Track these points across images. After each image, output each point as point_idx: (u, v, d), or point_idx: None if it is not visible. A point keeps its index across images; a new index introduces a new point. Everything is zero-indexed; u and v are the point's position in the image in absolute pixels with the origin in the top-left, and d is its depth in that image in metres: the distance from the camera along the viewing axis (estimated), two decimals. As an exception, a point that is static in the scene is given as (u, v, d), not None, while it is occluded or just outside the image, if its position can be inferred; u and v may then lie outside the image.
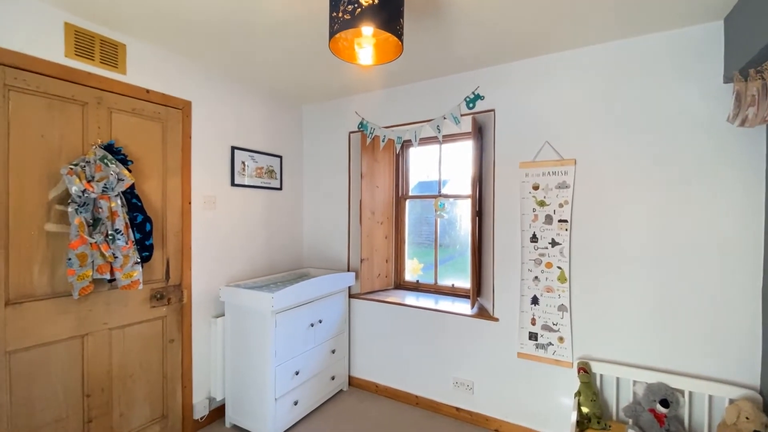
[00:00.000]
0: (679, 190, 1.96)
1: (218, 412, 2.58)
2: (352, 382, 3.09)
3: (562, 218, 2.23)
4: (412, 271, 3.25)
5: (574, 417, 1.97)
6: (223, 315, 2.54)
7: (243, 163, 2.77)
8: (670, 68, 1.97)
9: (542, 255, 2.29)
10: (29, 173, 1.72)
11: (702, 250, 1.91)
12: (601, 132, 2.14)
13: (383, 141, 2.89)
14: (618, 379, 2.10)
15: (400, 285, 3.24)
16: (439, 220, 3.04)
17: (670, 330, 1.99)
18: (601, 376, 2.14)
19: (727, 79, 1.80)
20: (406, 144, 3.15)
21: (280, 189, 3.13)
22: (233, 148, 2.69)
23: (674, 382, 1.93)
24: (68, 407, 1.86)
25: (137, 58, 2.11)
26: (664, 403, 1.85)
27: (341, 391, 3.00)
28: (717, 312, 1.89)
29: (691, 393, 1.93)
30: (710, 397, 1.89)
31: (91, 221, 1.79)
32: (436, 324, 2.69)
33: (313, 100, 3.23)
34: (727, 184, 1.86)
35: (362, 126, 3.01)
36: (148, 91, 2.15)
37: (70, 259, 1.72)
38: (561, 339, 2.24)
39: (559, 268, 2.24)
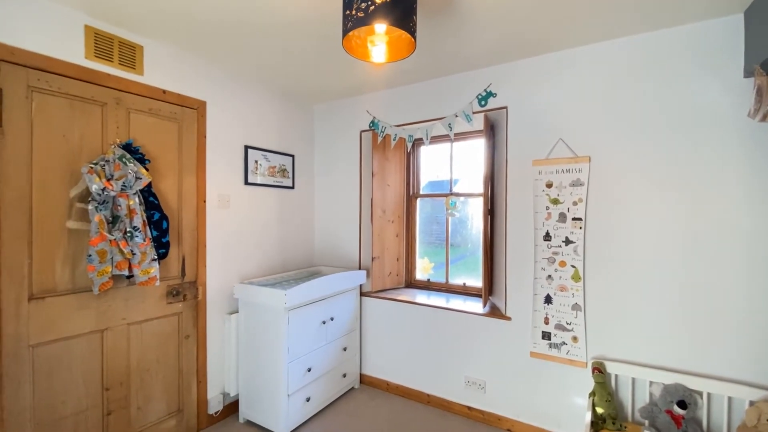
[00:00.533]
0: (696, 188, 1.92)
1: (232, 407, 2.61)
2: (364, 379, 3.10)
3: (576, 216, 2.20)
4: (423, 270, 3.25)
5: (588, 417, 1.95)
6: (236, 312, 2.58)
7: (256, 162, 2.80)
8: (688, 63, 1.93)
9: (556, 253, 2.27)
10: (51, 172, 1.78)
11: (720, 249, 1.87)
12: (617, 128, 2.11)
13: (394, 139, 2.89)
14: (634, 379, 2.07)
15: (411, 283, 3.24)
16: (450, 218, 3.03)
17: (687, 330, 1.95)
18: (616, 376, 2.11)
19: (748, 73, 1.76)
20: (418, 142, 3.15)
21: (292, 188, 3.16)
22: (247, 147, 2.72)
23: (692, 383, 1.89)
24: (88, 400, 1.91)
25: (154, 59, 2.15)
26: (682, 404, 1.82)
27: (353, 388, 3.01)
28: (736, 311, 1.84)
29: (709, 394, 1.89)
30: (729, 398, 1.85)
31: (110, 219, 1.83)
32: (448, 322, 2.68)
33: (325, 100, 3.25)
34: (747, 182, 1.81)
35: (373, 125, 3.02)
36: (164, 91, 2.19)
37: (90, 255, 1.77)
38: (575, 338, 2.21)
39: (573, 266, 2.21)
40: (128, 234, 1.86)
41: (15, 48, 1.64)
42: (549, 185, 2.28)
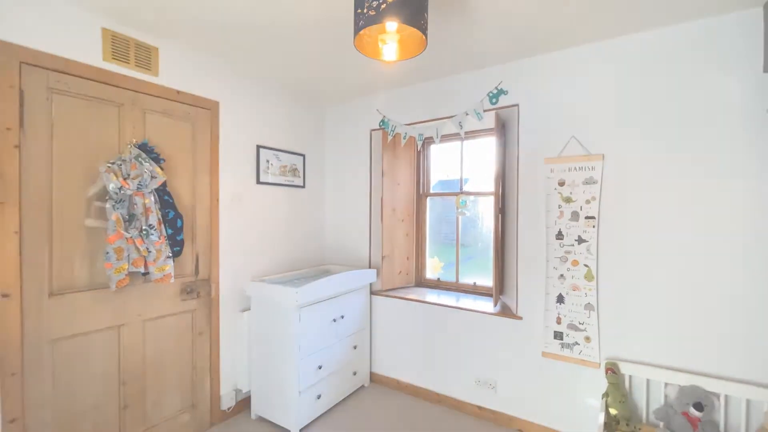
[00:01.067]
0: (713, 186, 1.88)
1: (244, 403, 2.65)
2: (374, 378, 3.11)
3: (589, 215, 2.17)
4: (433, 269, 3.25)
5: (601, 418, 1.92)
6: (249, 309, 2.61)
7: (268, 161, 2.83)
8: (705, 58, 1.89)
9: (568, 252, 2.24)
10: (70, 171, 1.82)
11: (738, 249, 1.83)
12: (631, 126, 2.07)
13: (404, 138, 2.89)
14: (648, 380, 2.03)
15: (421, 282, 3.24)
16: (460, 217, 3.02)
17: (704, 331, 1.91)
18: (630, 377, 2.08)
19: (768, 68, 1.72)
20: (428, 141, 3.15)
21: (303, 187, 3.19)
22: (258, 147, 2.75)
23: (709, 384, 1.85)
24: (106, 394, 1.96)
25: (169, 60, 2.19)
26: (698, 406, 1.79)
27: (363, 386, 3.03)
28: (754, 312, 1.80)
29: (727, 397, 1.85)
30: (748, 401, 1.81)
31: (126, 217, 1.87)
32: (458, 322, 2.67)
33: (336, 99, 3.27)
34: (766, 180, 1.77)
35: (383, 123, 3.03)
36: (178, 92, 2.23)
37: (107, 252, 1.81)
38: (587, 338, 2.19)
39: (586, 266, 2.19)
40: (144, 232, 1.90)
41: (35, 51, 1.69)
42: (561, 183, 2.26)
